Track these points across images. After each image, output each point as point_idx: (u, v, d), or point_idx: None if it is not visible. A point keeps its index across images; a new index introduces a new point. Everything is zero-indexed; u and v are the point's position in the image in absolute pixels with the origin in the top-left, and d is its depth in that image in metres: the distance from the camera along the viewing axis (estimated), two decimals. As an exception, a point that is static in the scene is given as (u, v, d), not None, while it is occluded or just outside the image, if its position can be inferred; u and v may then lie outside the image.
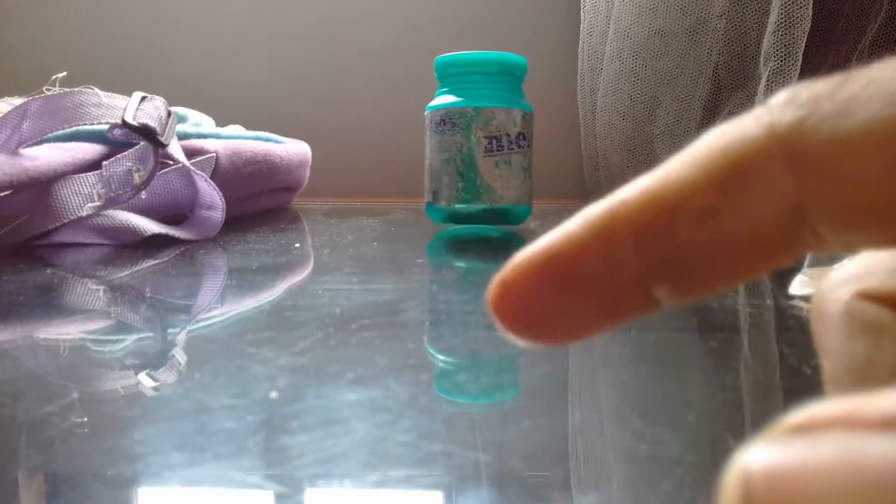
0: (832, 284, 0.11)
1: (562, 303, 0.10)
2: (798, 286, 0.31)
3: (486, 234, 0.53)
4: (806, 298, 0.30)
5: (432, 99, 0.55)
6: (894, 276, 0.11)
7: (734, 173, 0.09)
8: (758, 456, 0.07)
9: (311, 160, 0.77)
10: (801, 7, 0.65)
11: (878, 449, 0.06)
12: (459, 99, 0.52)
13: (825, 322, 0.11)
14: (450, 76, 0.54)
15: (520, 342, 0.10)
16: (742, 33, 0.73)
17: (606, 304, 0.10)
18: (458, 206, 0.52)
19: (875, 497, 0.06)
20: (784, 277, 0.33)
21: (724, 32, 0.73)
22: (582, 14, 0.90)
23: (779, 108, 0.09)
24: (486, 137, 0.51)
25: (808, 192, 0.09)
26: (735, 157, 0.09)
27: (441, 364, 0.22)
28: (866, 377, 0.10)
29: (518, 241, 0.49)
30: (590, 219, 0.10)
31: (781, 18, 0.66)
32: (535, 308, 0.10)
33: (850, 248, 0.09)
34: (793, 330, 0.27)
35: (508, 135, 0.52)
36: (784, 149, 0.09)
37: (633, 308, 0.10)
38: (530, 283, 0.10)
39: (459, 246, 0.49)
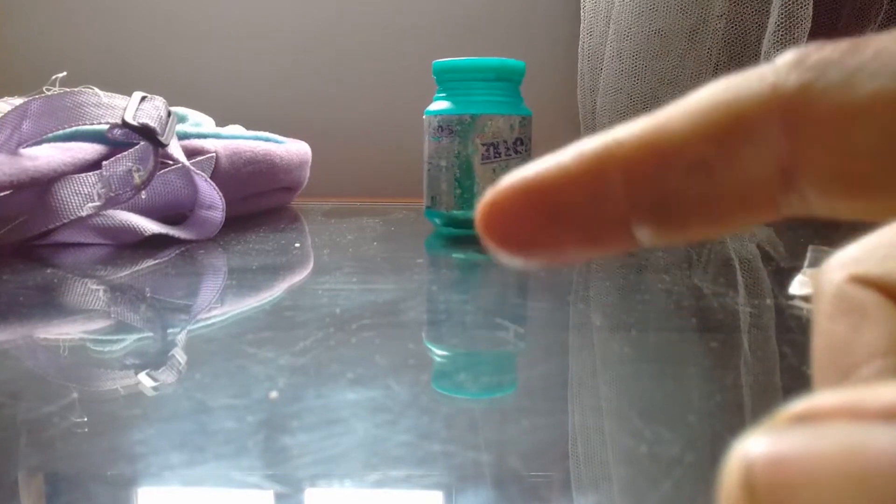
0: (831, 266, 0.12)
1: (545, 229, 0.10)
2: (798, 286, 0.31)
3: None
4: (806, 298, 0.30)
5: (432, 99, 0.55)
6: (887, 261, 0.11)
7: (731, 129, 0.09)
8: (759, 444, 0.07)
9: (311, 160, 0.77)
10: (801, 7, 0.65)
11: (879, 439, 0.06)
12: (456, 106, 0.52)
13: (818, 302, 0.11)
14: (447, 81, 0.54)
15: (504, 259, 0.10)
16: (742, 33, 0.73)
17: (588, 236, 0.10)
18: (456, 213, 0.52)
19: (876, 485, 0.06)
20: (784, 277, 0.33)
21: (724, 32, 0.73)
22: (582, 14, 0.90)
23: (785, 69, 0.09)
24: (483, 145, 0.51)
25: (802, 157, 0.09)
26: (735, 114, 0.09)
27: (441, 363, 0.22)
28: (843, 358, 0.11)
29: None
30: (583, 153, 0.10)
31: (781, 18, 0.65)
32: (519, 231, 0.10)
33: (836, 215, 0.09)
34: (793, 330, 0.27)
35: (506, 141, 0.52)
36: (785, 112, 0.09)
37: (612, 243, 0.10)
38: (517, 207, 0.10)
39: (459, 246, 0.48)
